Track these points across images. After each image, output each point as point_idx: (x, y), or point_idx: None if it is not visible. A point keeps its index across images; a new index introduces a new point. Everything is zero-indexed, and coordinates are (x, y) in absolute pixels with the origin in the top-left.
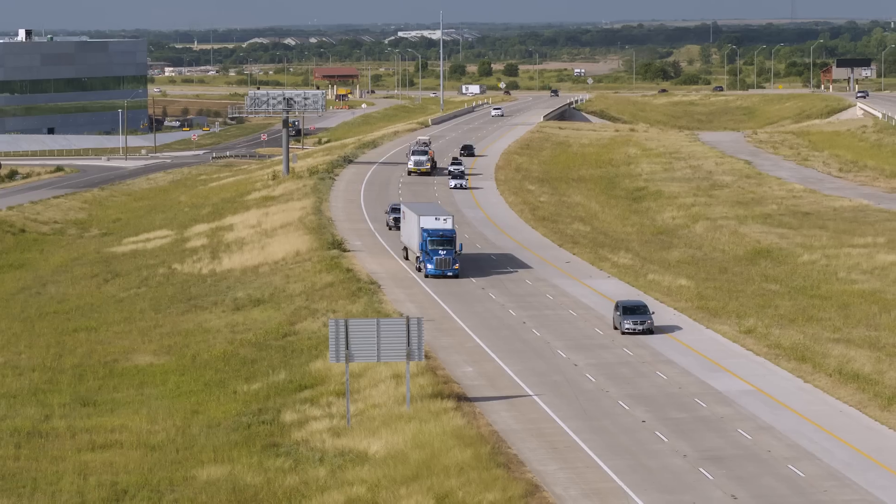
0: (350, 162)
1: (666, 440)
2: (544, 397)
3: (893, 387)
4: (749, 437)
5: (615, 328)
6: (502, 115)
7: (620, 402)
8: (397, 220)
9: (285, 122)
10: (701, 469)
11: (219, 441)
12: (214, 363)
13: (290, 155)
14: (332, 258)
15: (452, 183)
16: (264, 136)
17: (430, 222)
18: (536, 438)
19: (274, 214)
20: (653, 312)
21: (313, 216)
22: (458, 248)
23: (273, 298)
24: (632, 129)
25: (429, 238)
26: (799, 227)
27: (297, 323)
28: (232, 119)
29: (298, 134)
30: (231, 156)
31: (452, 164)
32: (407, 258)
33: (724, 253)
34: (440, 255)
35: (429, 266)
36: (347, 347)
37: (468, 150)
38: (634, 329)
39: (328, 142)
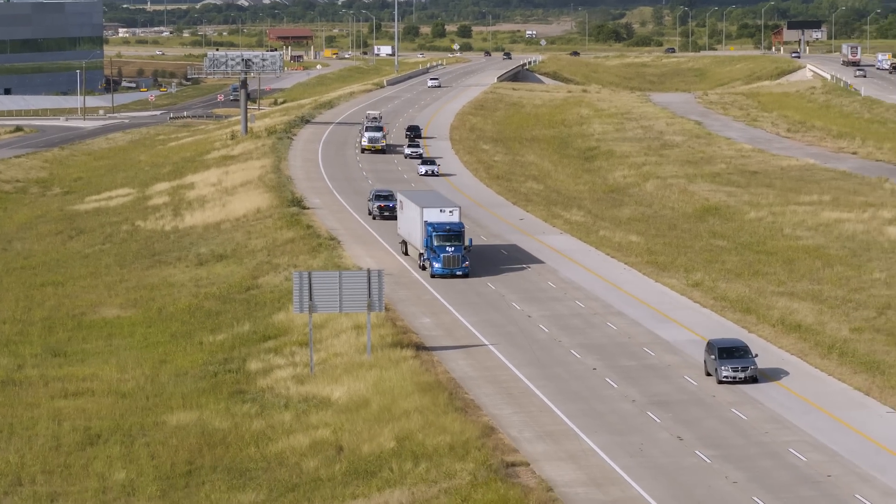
0: (307, 122)
1: (616, 386)
2: (499, 346)
3: (834, 336)
4: (695, 383)
5: (708, 374)
6: (439, 86)
7: (572, 351)
8: (383, 208)
9: (244, 83)
10: (649, 413)
11: (187, 389)
12: (180, 315)
13: (248, 115)
14: (292, 215)
15: (423, 169)
16: (220, 97)
17: (434, 215)
18: (492, 385)
19: (234, 173)
20: (756, 355)
21: (273, 175)
22: (467, 244)
23: (235, 254)
24: (584, 91)
25: (434, 233)
26: (747, 185)
27: (260, 277)
28: (188, 80)
29: (248, 98)
30: (188, 116)
31: (410, 145)
32: (406, 253)
33: (674, 210)
34: (448, 252)
35: (435, 265)
36: (311, 299)
37: (415, 132)
38: (735, 377)
39: (284, 102)
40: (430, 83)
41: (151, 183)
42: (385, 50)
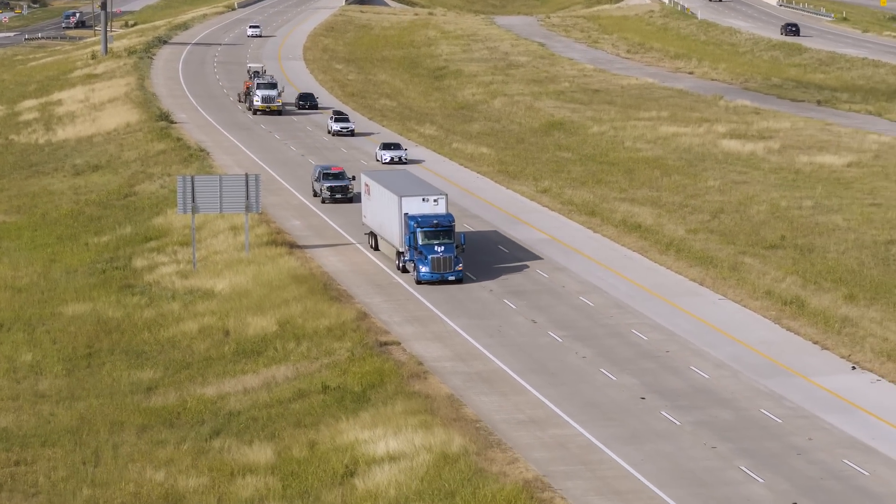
0: (165, 43)
1: (474, 278)
2: (365, 244)
3: (671, 236)
4: (546, 275)
5: None
6: (260, 35)
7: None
8: (336, 189)
9: (104, 5)
10: (505, 300)
11: (78, 284)
12: (64, 220)
13: (108, 36)
14: (161, 129)
15: (387, 156)
16: (73, 19)
17: (415, 205)
18: (361, 277)
19: (100, 90)
20: None
21: (138, 91)
22: (459, 241)
23: (110, 164)
24: (430, 14)
25: (419, 229)
26: (589, 102)
27: (136, 185)
28: (35, 3)
29: (82, 26)
30: (43, 37)
31: (337, 120)
32: (376, 248)
33: (521, 125)
34: (437, 252)
35: (422, 269)
36: (193, 200)
37: (309, 100)
38: None
39: (135, 24)
40: (249, 32)
41: (19, 100)
42: None
